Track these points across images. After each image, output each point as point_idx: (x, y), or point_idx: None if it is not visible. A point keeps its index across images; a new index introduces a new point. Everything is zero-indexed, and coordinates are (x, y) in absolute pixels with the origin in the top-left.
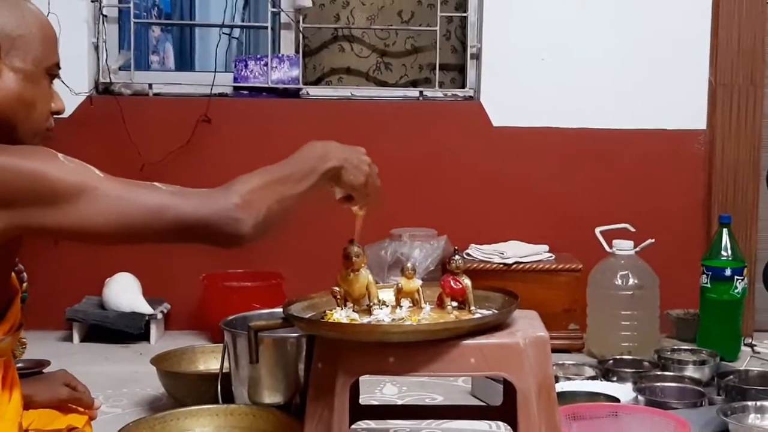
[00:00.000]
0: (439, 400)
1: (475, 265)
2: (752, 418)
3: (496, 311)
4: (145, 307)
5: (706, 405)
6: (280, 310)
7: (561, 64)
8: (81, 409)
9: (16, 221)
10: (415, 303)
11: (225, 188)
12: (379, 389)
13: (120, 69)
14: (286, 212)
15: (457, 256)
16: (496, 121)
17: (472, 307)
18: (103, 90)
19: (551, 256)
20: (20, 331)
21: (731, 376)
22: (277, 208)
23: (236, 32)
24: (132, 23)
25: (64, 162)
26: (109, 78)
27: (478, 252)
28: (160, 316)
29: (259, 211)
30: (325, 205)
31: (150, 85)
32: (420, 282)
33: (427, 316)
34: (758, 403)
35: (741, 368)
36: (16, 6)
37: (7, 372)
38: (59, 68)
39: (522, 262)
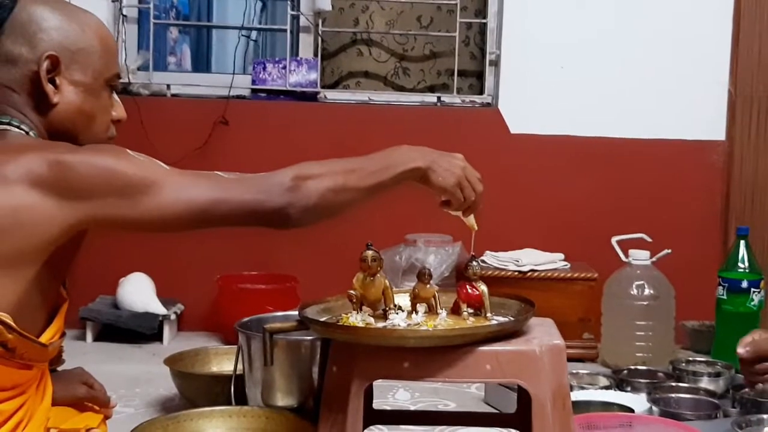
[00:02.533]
0: (451, 406)
1: (490, 272)
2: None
3: (512, 318)
4: (158, 308)
5: (720, 417)
6: (295, 312)
7: (580, 72)
8: (97, 408)
9: (92, 213)
10: (431, 308)
11: (284, 170)
12: (391, 394)
13: (138, 69)
14: (346, 203)
15: (473, 263)
16: (514, 128)
17: (488, 314)
18: (121, 90)
19: (567, 265)
20: (63, 338)
21: (746, 389)
22: (332, 197)
23: (254, 34)
24: (151, 24)
25: (134, 157)
26: (128, 78)
27: (493, 259)
28: (173, 316)
29: (311, 197)
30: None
31: (168, 86)
32: (436, 287)
33: (443, 321)
34: None
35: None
36: (77, 19)
37: (43, 375)
38: (119, 78)
39: (537, 270)
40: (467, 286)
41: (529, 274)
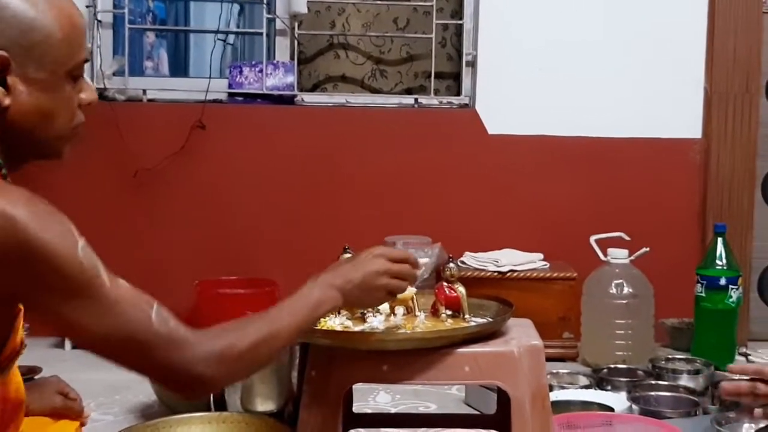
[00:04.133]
0: (432, 408)
1: (469, 273)
2: (746, 428)
3: (490, 319)
4: None
5: (700, 414)
6: None
7: (556, 72)
8: (73, 414)
9: (19, 291)
10: (410, 311)
11: (211, 344)
12: (372, 397)
13: (114, 74)
14: (264, 364)
15: (451, 264)
16: (491, 128)
17: (467, 315)
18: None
19: (546, 265)
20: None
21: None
22: (251, 369)
23: (231, 38)
24: (126, 29)
25: (79, 251)
26: (104, 83)
27: (472, 260)
28: None
29: (228, 378)
30: (321, 213)
31: (144, 91)
32: (414, 290)
33: (422, 324)
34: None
35: (735, 378)
36: (33, 2)
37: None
38: (87, 61)
39: (516, 270)
40: (445, 288)
41: (508, 274)
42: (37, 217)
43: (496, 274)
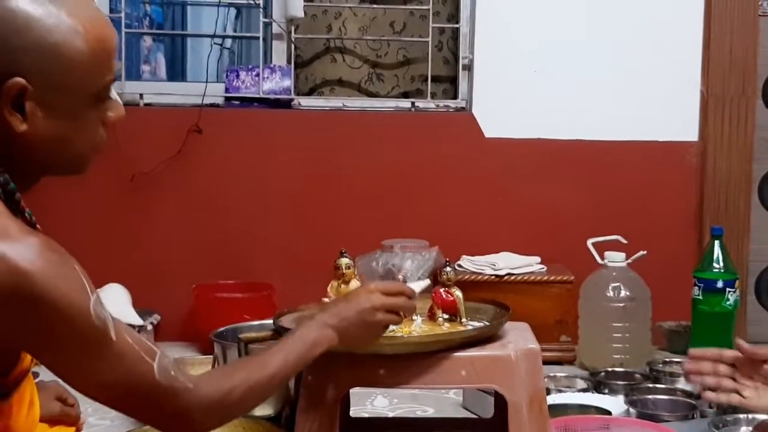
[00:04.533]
0: (430, 412)
1: (466, 277)
2: (744, 431)
3: (487, 323)
4: (134, 319)
5: (698, 417)
6: (271, 321)
7: (553, 75)
8: (69, 419)
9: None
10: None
11: (207, 393)
12: (370, 401)
13: None
14: (259, 403)
15: (448, 268)
16: (488, 132)
17: (464, 319)
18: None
19: (543, 268)
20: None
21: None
22: (245, 411)
23: (228, 43)
24: (123, 33)
25: (91, 308)
26: None
27: (469, 263)
28: (150, 327)
29: (224, 422)
30: (318, 217)
31: (141, 95)
32: (427, 281)
33: (418, 328)
34: (750, 416)
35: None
36: (59, 19)
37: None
38: (114, 80)
39: (514, 274)
40: (442, 292)
41: (505, 277)
42: (50, 272)
43: (493, 277)
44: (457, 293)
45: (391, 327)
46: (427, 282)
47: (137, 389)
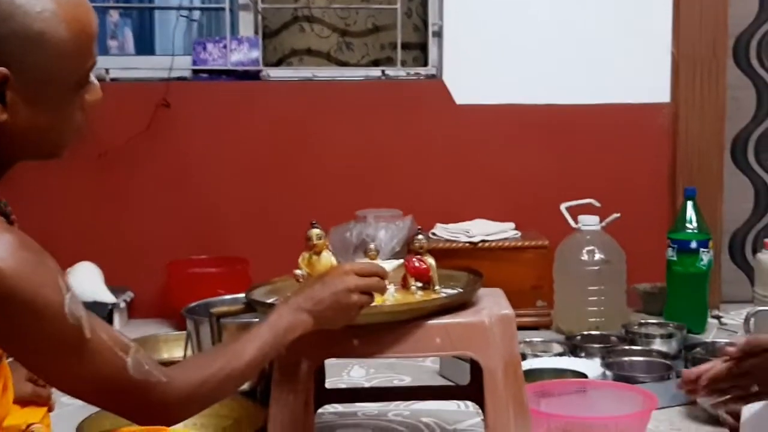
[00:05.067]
0: (407, 380)
1: (441, 245)
2: None
3: (461, 290)
4: (107, 296)
5: (673, 378)
6: (243, 295)
7: (523, 40)
8: (41, 400)
9: None
10: None
11: (177, 392)
12: (346, 372)
13: None
14: (234, 390)
15: (420, 236)
16: (459, 99)
17: (437, 287)
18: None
19: (517, 234)
20: None
21: (698, 348)
22: (221, 398)
23: (197, 15)
24: None
25: (65, 306)
26: None
27: (444, 231)
28: (123, 304)
29: (199, 410)
30: (290, 188)
31: (107, 70)
32: (399, 261)
33: (392, 297)
34: None
35: (708, 340)
36: (39, 6)
37: None
38: (94, 66)
39: (488, 241)
40: (414, 260)
41: (480, 244)
42: (24, 270)
43: (467, 245)
44: (430, 261)
45: None
46: (399, 261)
47: (112, 385)
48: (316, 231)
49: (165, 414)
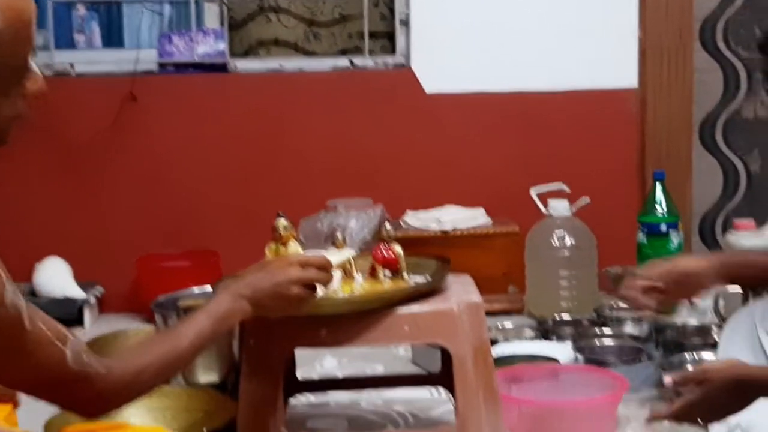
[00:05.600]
0: (380, 370)
1: (411, 233)
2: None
3: (428, 278)
4: (77, 292)
5: (644, 360)
6: (211, 288)
7: (491, 27)
8: (5, 397)
9: None
10: (347, 273)
11: (115, 383)
12: (318, 362)
13: (40, 49)
14: (172, 377)
15: (387, 225)
16: (429, 87)
17: (405, 275)
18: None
19: (488, 221)
20: None
21: (669, 331)
22: (158, 385)
23: (167, 9)
24: (50, 1)
25: (5, 297)
26: None
27: (414, 219)
28: (93, 300)
29: (137, 399)
30: (260, 180)
31: (72, 65)
32: (351, 252)
33: (360, 286)
34: (696, 355)
35: (678, 322)
36: None
37: None
38: (33, 53)
39: (459, 229)
40: (382, 249)
41: (451, 232)
42: None
43: (438, 233)
44: (398, 249)
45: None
46: (351, 252)
47: (51, 376)
48: (282, 222)
49: (103, 405)
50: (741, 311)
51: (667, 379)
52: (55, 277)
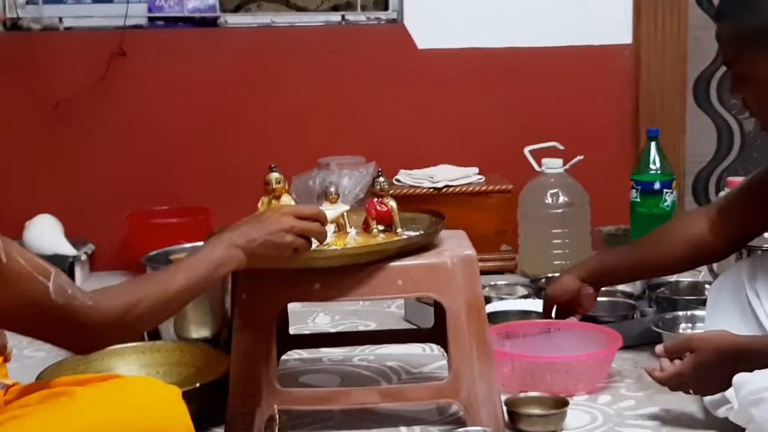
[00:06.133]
0: (372, 326)
1: (405, 191)
2: (683, 328)
3: (423, 232)
4: (68, 249)
5: (637, 317)
6: (202, 243)
7: None
8: None
9: None
10: (341, 228)
11: (102, 316)
12: (311, 319)
13: (27, 3)
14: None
15: (381, 178)
16: (421, 43)
17: (399, 230)
18: (11, 26)
19: (481, 179)
20: None
21: (662, 288)
22: (146, 328)
23: None
24: None
25: None
26: (16, 13)
27: (407, 177)
28: (84, 257)
29: (125, 338)
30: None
31: (60, 19)
32: (346, 207)
33: (353, 240)
34: (689, 312)
35: (671, 280)
36: None
37: None
38: None
39: (452, 186)
40: (375, 203)
41: (444, 190)
42: None
43: (431, 190)
44: (391, 203)
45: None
46: (345, 207)
47: (34, 311)
48: (275, 175)
49: (91, 338)
50: (728, 270)
51: (658, 348)
52: (46, 234)
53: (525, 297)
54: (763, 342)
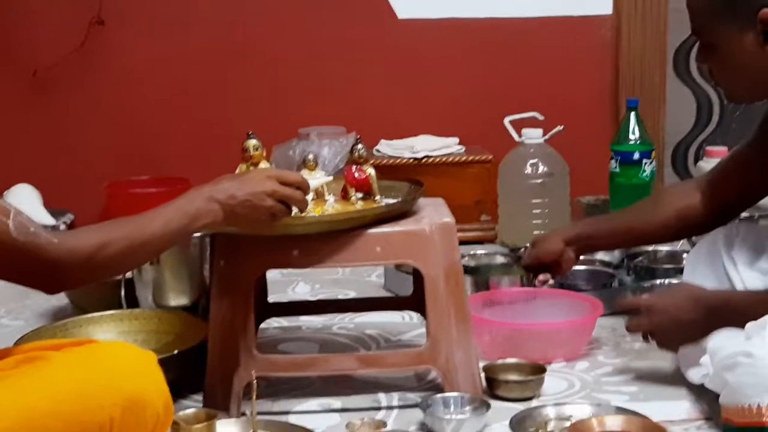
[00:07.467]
0: (352, 295)
1: (385, 161)
2: None
3: (401, 200)
4: (47, 219)
5: (616, 286)
6: None
7: None
8: None
9: None
10: (319, 195)
11: (69, 253)
12: (291, 288)
13: None
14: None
15: (359, 145)
16: (401, 13)
17: (377, 197)
18: None
19: (461, 149)
20: None
21: (640, 257)
22: (116, 271)
23: None
24: None
25: None
26: None
27: (388, 147)
28: (63, 227)
29: (92, 278)
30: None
31: None
32: (329, 178)
33: (331, 207)
34: (666, 281)
35: (650, 249)
36: None
37: None
38: None
39: (432, 156)
40: (354, 170)
41: (424, 160)
42: None
43: (412, 160)
44: (370, 170)
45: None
46: (328, 178)
47: None
48: (252, 141)
49: (57, 275)
50: (706, 238)
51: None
52: (25, 204)
53: (504, 266)
54: (741, 296)
